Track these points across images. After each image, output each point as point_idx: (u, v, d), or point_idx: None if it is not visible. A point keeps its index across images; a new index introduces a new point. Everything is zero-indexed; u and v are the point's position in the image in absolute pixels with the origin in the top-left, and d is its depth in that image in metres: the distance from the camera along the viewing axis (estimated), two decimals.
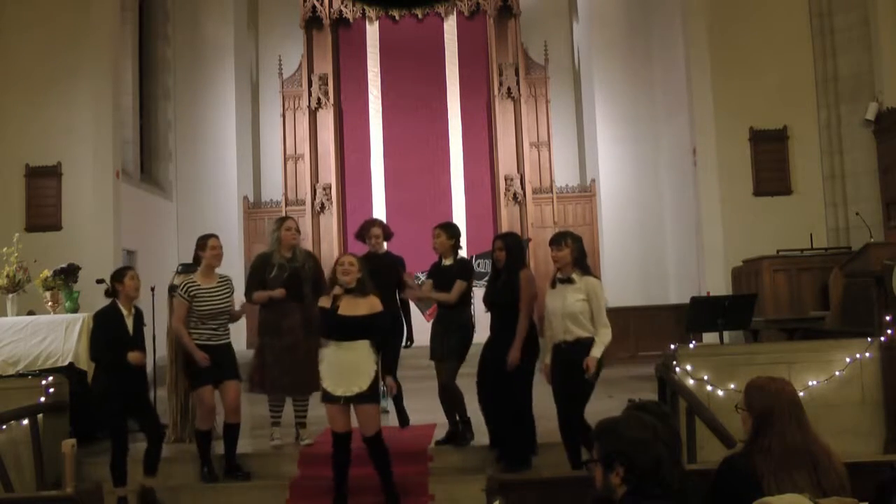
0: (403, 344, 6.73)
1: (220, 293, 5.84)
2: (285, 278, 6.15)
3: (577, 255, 5.40)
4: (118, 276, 5.57)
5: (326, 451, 5.39)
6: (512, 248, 5.78)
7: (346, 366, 5.17)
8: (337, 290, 5.23)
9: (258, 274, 6.24)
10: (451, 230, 6.20)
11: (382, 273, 6.08)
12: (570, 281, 5.38)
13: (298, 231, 6.42)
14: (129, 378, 5.46)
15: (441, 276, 6.12)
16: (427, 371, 6.15)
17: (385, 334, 5.47)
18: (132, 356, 5.42)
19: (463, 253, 6.37)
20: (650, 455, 2.51)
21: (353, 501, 5.38)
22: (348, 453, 5.30)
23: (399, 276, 6.62)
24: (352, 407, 5.23)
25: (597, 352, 5.26)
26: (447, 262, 6.15)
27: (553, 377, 5.46)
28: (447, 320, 6.04)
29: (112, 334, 5.45)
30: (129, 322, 5.52)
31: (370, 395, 5.19)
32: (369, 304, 5.26)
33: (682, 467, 2.76)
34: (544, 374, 5.55)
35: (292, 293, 6.14)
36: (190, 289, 5.76)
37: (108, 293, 5.58)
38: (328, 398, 5.22)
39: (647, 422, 2.59)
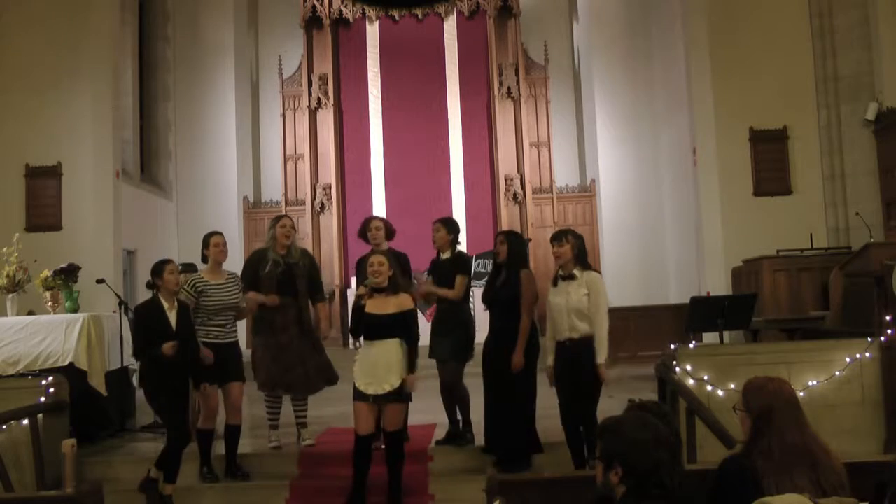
0: None
1: (228, 289, 5.88)
2: (279, 274, 6.16)
3: (577, 251, 5.42)
4: (157, 270, 5.50)
5: (326, 451, 5.38)
6: (514, 244, 5.75)
7: (376, 364, 5.18)
8: (361, 289, 5.27)
9: (251, 269, 6.25)
10: (451, 225, 6.20)
11: None
12: (572, 277, 5.39)
13: (294, 229, 6.43)
14: (172, 373, 5.38)
15: (439, 270, 6.12)
16: (428, 371, 6.13)
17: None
18: (165, 347, 5.25)
19: (462, 248, 6.36)
20: (648, 457, 2.52)
21: None
22: (370, 456, 5.27)
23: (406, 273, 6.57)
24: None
25: (601, 358, 5.28)
26: (445, 256, 6.16)
27: (557, 375, 5.45)
28: (445, 318, 6.04)
29: (152, 327, 5.39)
30: (172, 316, 5.44)
31: (400, 394, 5.19)
32: (398, 303, 5.27)
33: (681, 468, 2.76)
34: (548, 377, 5.52)
35: (287, 289, 6.15)
36: (196, 285, 5.79)
37: (149, 285, 5.55)
38: (358, 396, 5.21)
39: (649, 422, 2.59)
